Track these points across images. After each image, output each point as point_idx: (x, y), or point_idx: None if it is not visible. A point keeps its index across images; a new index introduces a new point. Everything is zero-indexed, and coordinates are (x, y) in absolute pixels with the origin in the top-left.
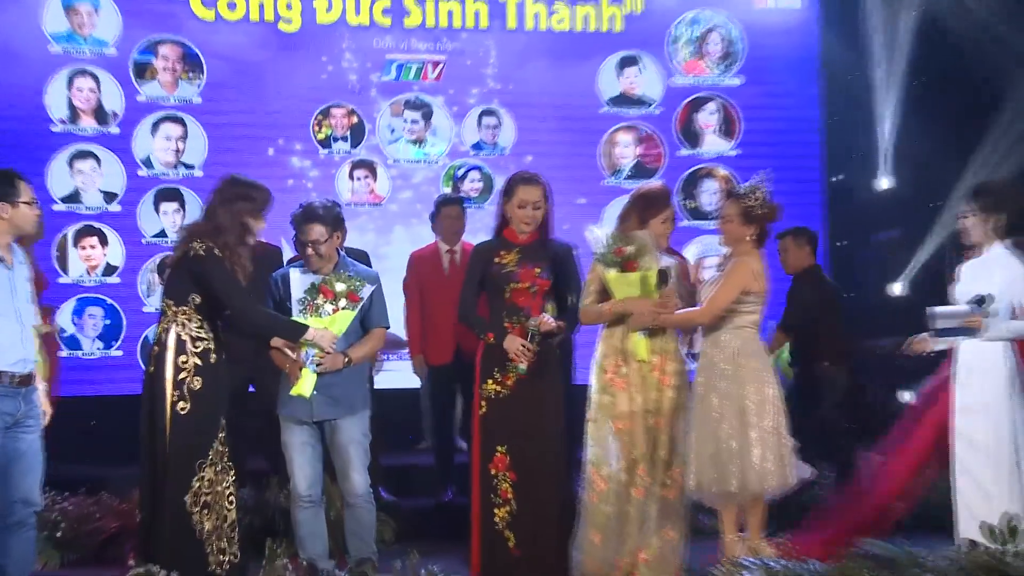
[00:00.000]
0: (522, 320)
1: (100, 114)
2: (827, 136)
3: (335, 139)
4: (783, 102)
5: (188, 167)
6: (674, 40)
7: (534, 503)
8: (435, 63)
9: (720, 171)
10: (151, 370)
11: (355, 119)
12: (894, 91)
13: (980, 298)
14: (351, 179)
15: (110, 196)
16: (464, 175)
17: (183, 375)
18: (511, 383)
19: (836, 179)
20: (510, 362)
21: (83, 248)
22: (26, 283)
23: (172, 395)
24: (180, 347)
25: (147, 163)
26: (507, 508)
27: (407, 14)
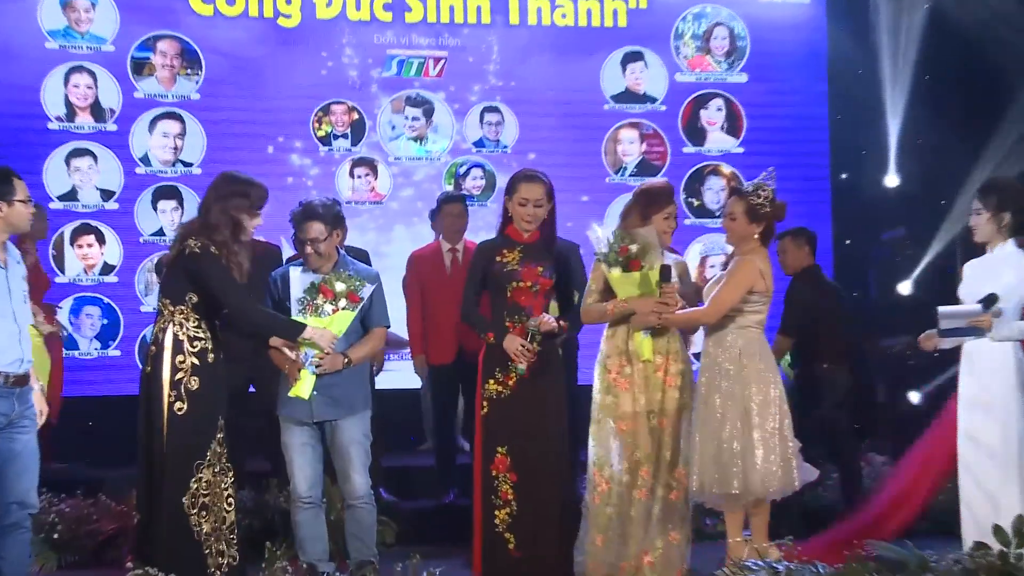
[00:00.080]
0: (523, 319)
1: (97, 111)
2: (834, 133)
3: (335, 136)
4: (789, 99)
5: (186, 165)
6: (679, 35)
7: (535, 504)
8: (437, 59)
9: (725, 169)
10: (148, 370)
11: (356, 116)
12: (902, 87)
13: (988, 298)
14: (351, 177)
15: (107, 194)
16: (466, 173)
17: (180, 375)
18: (512, 383)
19: (843, 177)
20: (511, 362)
21: (80, 247)
22: (22, 282)
23: (169, 395)
24: (177, 347)
25: (145, 161)
26: (507, 509)
27: (408, 9)
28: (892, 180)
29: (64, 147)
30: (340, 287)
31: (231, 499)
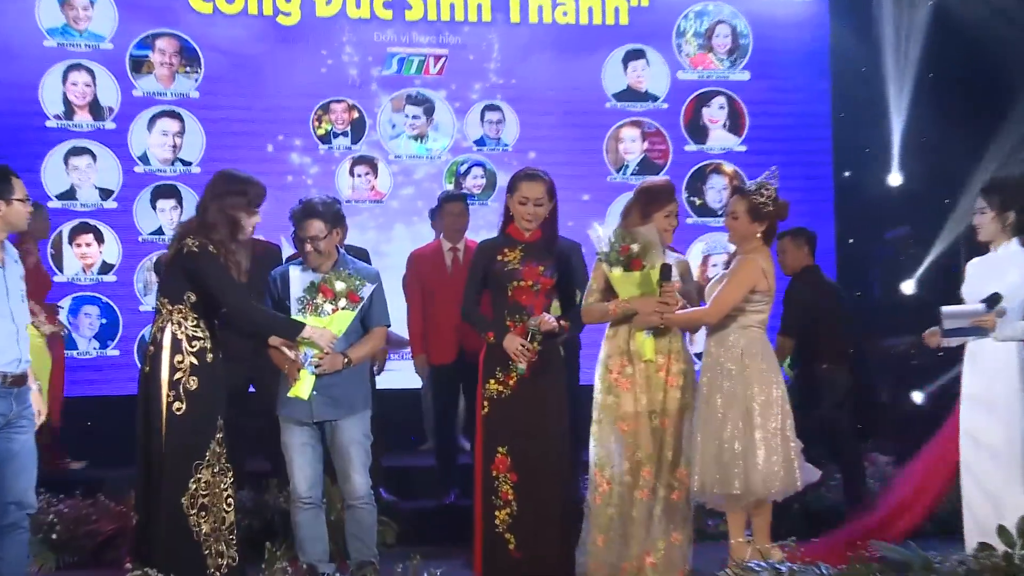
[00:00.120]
0: (524, 319)
1: (96, 109)
2: (837, 131)
3: (335, 135)
4: (792, 96)
5: (185, 163)
6: (681, 33)
7: (535, 504)
8: (437, 57)
9: (727, 167)
10: (146, 370)
11: (356, 114)
12: (906, 85)
13: (992, 297)
14: (351, 175)
15: (106, 193)
16: (467, 171)
17: (179, 375)
18: (513, 383)
19: (846, 175)
20: (511, 362)
21: (78, 246)
22: (19, 281)
23: (168, 395)
24: (176, 346)
25: (144, 159)
26: (508, 510)
27: (408, 7)
28: (895, 178)
29: (62, 145)
30: (340, 286)
31: (230, 499)
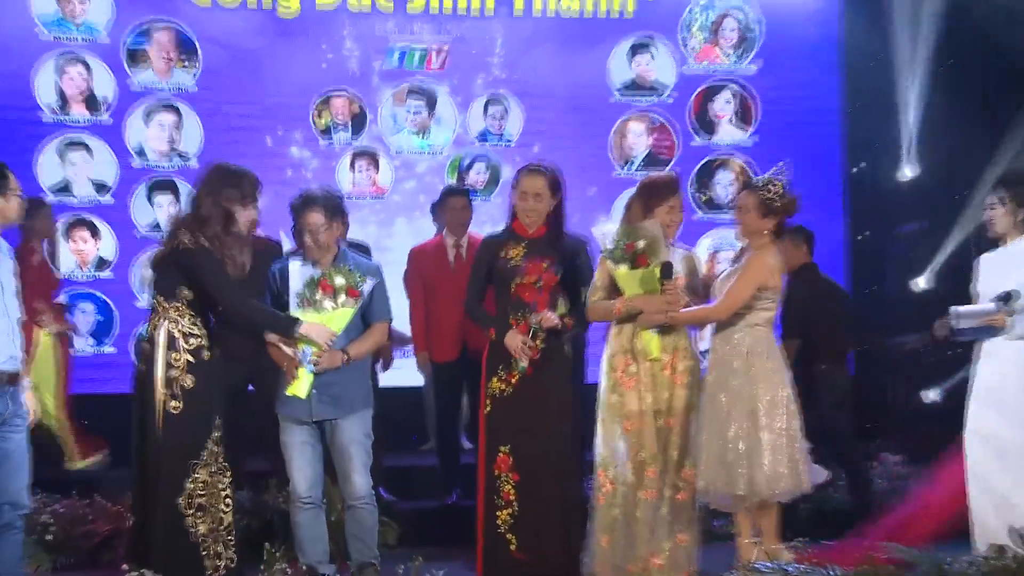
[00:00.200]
0: (527, 316)
1: (91, 102)
2: (848, 124)
3: (336, 128)
4: (801, 90)
5: (183, 157)
6: (688, 25)
7: (537, 505)
8: (439, 50)
9: (735, 161)
10: (142, 368)
11: (356, 108)
12: (918, 77)
13: (1006, 295)
14: (352, 170)
15: (102, 187)
16: (469, 166)
17: (174, 373)
18: (515, 381)
19: (857, 169)
20: (514, 359)
21: (74, 241)
22: (11, 277)
23: (163, 394)
24: (171, 344)
25: (140, 153)
26: (509, 510)
27: None
28: (908, 173)
29: (57, 139)
30: (340, 282)
31: (229, 499)
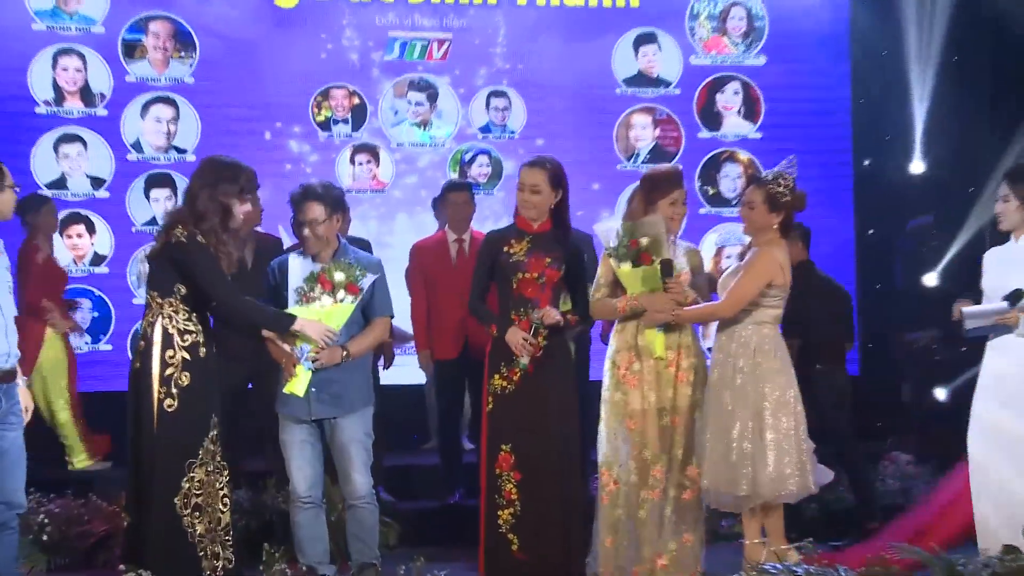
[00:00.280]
0: (529, 312)
1: (87, 95)
2: (857, 117)
3: (335, 121)
4: (810, 81)
5: (180, 151)
6: (694, 16)
7: (539, 504)
8: (441, 41)
9: (742, 155)
10: (137, 366)
11: (356, 100)
12: (929, 69)
13: (1015, 293)
14: (352, 164)
15: (98, 182)
16: (472, 160)
17: (170, 370)
18: (517, 379)
19: (866, 163)
20: (515, 356)
21: (69, 237)
22: (5, 273)
23: (159, 392)
24: (167, 341)
25: (137, 147)
26: (511, 509)
27: None
28: (918, 166)
29: (52, 132)
30: (339, 277)
31: (226, 499)
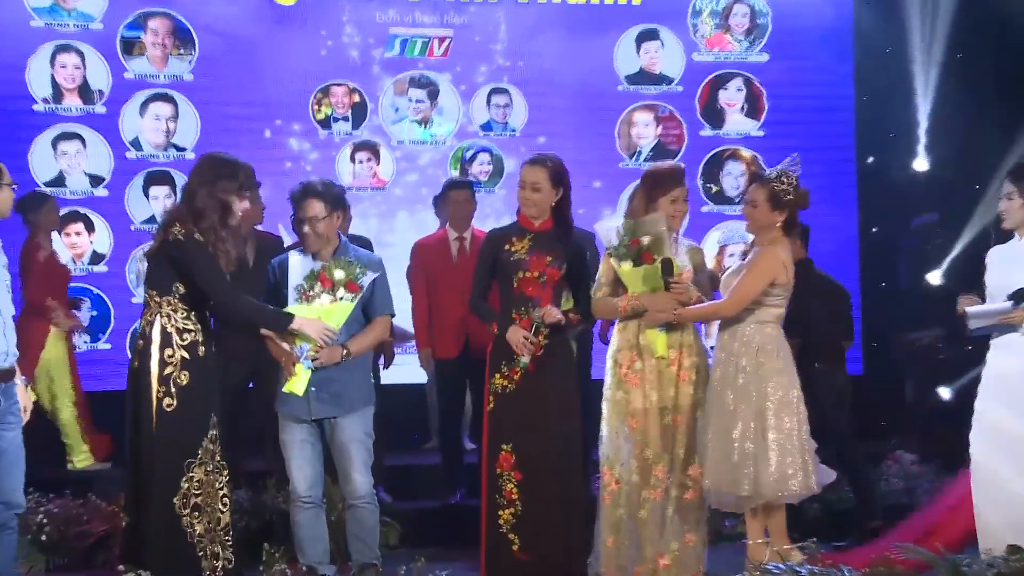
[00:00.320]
0: (530, 311)
1: (85, 92)
2: (860, 115)
3: (335, 119)
4: (813, 78)
5: (179, 149)
6: (696, 12)
7: (540, 504)
8: (442, 38)
9: (745, 153)
10: (135, 365)
11: (357, 98)
12: (933, 66)
13: (1020, 292)
14: (352, 162)
15: (96, 180)
16: (473, 157)
17: (169, 369)
18: (517, 378)
19: (870, 161)
20: (516, 355)
21: (68, 235)
22: (3, 271)
23: (157, 391)
24: (165, 340)
25: (136, 145)
26: (512, 509)
27: None
28: (922, 164)
29: (51, 130)
30: (339, 275)
31: (226, 499)
